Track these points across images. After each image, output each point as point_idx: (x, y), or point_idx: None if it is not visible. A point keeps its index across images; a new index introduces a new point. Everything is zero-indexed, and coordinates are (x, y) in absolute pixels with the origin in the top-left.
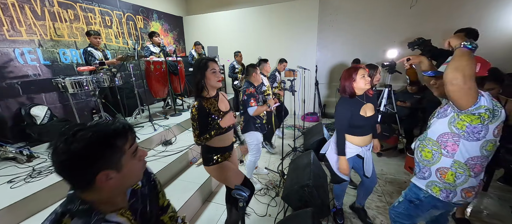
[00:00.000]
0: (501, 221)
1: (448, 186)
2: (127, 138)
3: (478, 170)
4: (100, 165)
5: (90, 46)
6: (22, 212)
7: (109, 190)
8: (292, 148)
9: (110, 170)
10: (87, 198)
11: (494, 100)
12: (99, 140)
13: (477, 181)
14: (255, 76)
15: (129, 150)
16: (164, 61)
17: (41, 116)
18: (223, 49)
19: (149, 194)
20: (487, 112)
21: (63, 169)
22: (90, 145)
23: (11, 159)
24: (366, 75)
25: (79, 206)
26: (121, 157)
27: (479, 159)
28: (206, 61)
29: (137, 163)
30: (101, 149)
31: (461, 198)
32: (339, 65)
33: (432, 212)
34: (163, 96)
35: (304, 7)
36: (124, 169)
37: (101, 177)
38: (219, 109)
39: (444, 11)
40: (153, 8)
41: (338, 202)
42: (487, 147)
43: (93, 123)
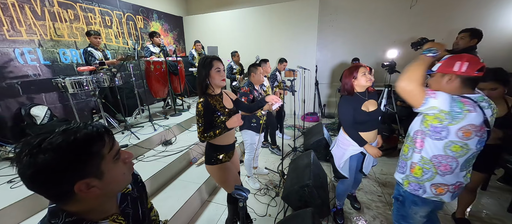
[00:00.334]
0: (501, 221)
1: (415, 180)
2: (104, 142)
3: (445, 169)
4: (76, 175)
5: (90, 46)
6: (22, 212)
7: (94, 199)
8: (292, 148)
9: (89, 178)
10: (72, 210)
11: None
12: (70, 148)
13: (452, 179)
14: (254, 76)
15: (109, 154)
16: (164, 61)
17: (41, 116)
18: (223, 49)
19: (139, 196)
20: (441, 113)
21: (33, 184)
22: (60, 154)
23: (11, 159)
24: (367, 73)
25: (65, 219)
26: (100, 163)
27: (443, 158)
28: (211, 60)
29: (121, 166)
30: (73, 157)
31: (432, 194)
32: (339, 65)
33: (415, 209)
34: (163, 96)
35: (304, 7)
36: (107, 175)
37: (80, 186)
38: (224, 106)
39: (444, 11)
40: (153, 8)
41: (339, 202)
42: (452, 147)
43: (61, 129)
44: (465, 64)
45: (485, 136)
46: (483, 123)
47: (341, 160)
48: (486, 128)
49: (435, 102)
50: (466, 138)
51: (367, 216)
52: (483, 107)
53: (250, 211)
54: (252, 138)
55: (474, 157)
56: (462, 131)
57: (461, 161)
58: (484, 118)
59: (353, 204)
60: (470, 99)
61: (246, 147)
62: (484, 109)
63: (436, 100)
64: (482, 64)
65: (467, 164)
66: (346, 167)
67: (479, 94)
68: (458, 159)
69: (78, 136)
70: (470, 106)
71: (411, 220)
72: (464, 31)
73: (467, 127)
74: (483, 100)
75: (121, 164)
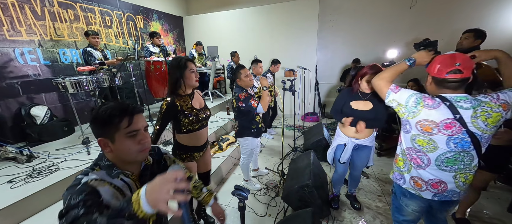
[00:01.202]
0: (501, 221)
1: (398, 169)
2: (122, 119)
3: (416, 162)
4: (101, 132)
5: (90, 46)
6: (22, 212)
7: (112, 155)
8: (292, 148)
9: (106, 139)
10: (111, 158)
11: (426, 99)
12: (104, 112)
13: (427, 175)
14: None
15: (124, 130)
16: (164, 61)
17: (41, 116)
18: (223, 49)
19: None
20: (399, 106)
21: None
22: (98, 116)
23: (11, 159)
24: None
25: (105, 162)
26: (115, 132)
27: (413, 151)
28: (185, 61)
29: (131, 143)
30: (102, 121)
31: (410, 186)
32: (339, 65)
33: (404, 201)
34: (163, 96)
35: (304, 7)
36: (117, 143)
37: (100, 141)
38: (192, 107)
39: (444, 11)
40: (153, 8)
41: (335, 189)
42: (417, 141)
43: (111, 103)
44: (437, 66)
45: (464, 136)
46: (456, 121)
47: (330, 148)
48: (462, 128)
49: (394, 96)
50: (426, 132)
51: (367, 216)
52: (459, 107)
53: (250, 211)
54: (253, 143)
55: (461, 160)
56: (420, 125)
57: (433, 158)
58: (453, 117)
59: (353, 204)
60: (440, 98)
61: (245, 152)
62: (459, 109)
63: (396, 95)
64: (453, 67)
65: (447, 164)
66: (331, 154)
67: (458, 95)
68: (428, 155)
69: (112, 108)
70: (430, 103)
71: (403, 212)
72: (468, 32)
73: (424, 122)
74: (464, 100)
75: (131, 142)
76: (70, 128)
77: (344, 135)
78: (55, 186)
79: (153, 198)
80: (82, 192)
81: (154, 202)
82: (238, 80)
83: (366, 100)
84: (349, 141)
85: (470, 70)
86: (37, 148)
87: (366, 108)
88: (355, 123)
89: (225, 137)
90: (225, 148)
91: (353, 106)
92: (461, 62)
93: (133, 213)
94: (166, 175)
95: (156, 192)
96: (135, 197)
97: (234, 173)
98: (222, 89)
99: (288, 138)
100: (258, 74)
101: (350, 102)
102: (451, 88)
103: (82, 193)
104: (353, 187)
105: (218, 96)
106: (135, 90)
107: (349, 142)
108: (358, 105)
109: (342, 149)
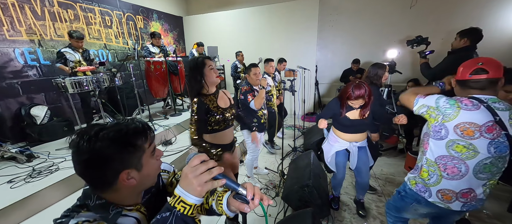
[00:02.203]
0: (500, 221)
1: (422, 181)
2: (147, 137)
3: (452, 172)
4: (122, 164)
5: (69, 46)
6: (22, 212)
7: (129, 189)
8: (292, 148)
9: (131, 169)
10: (105, 197)
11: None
12: (122, 139)
13: (460, 185)
14: (250, 77)
15: (148, 149)
16: (164, 61)
17: (41, 116)
18: (223, 49)
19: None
20: (430, 109)
21: (86, 169)
22: (113, 144)
23: (11, 159)
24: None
25: (96, 201)
26: (142, 156)
27: (448, 159)
28: (202, 60)
29: (155, 162)
30: (123, 148)
31: (437, 200)
32: (339, 65)
33: (415, 206)
34: (163, 96)
35: (304, 7)
36: (144, 168)
37: (123, 176)
38: (218, 106)
39: (444, 11)
40: (153, 8)
41: (335, 192)
42: (455, 147)
43: (113, 123)
44: (461, 69)
45: (503, 140)
46: (496, 124)
47: (328, 155)
48: (502, 131)
49: (422, 101)
50: (467, 137)
51: (368, 216)
52: (495, 108)
53: None
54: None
55: (496, 165)
56: (460, 129)
57: (471, 165)
58: (493, 119)
59: (359, 211)
60: (475, 99)
61: (249, 147)
62: (496, 110)
63: (424, 99)
64: (476, 67)
65: (484, 171)
66: (332, 161)
67: (491, 96)
68: (467, 162)
69: (128, 130)
70: (467, 104)
71: (404, 213)
72: (461, 32)
73: (465, 125)
74: (498, 102)
75: (154, 160)
76: (70, 128)
77: (342, 140)
78: (55, 186)
79: (194, 188)
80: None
81: (197, 192)
82: (247, 75)
83: (359, 108)
84: (350, 145)
85: (499, 70)
86: (37, 148)
87: (359, 117)
88: (355, 130)
89: None
90: None
91: (351, 117)
92: (484, 62)
93: (180, 215)
94: (192, 163)
95: (193, 183)
96: (172, 201)
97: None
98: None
99: (288, 138)
100: (269, 72)
101: (346, 113)
102: (477, 88)
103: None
104: (361, 194)
105: None
106: (135, 90)
107: (352, 147)
108: (354, 115)
109: (342, 155)
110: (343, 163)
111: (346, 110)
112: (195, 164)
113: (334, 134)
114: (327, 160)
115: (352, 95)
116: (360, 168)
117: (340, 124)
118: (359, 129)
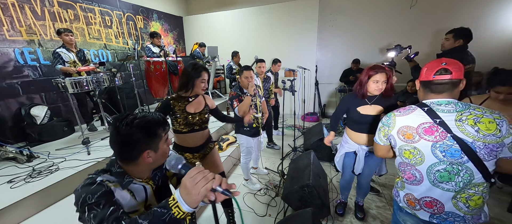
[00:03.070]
0: (501, 221)
1: (396, 185)
2: (164, 127)
3: (408, 177)
4: (145, 146)
5: (63, 46)
6: (22, 212)
7: (146, 165)
8: (292, 148)
9: (151, 150)
10: (125, 168)
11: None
12: (148, 127)
13: (420, 193)
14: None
15: (164, 137)
16: (164, 61)
17: (41, 116)
18: (223, 49)
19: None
20: (381, 131)
21: (119, 145)
22: (144, 130)
23: (11, 159)
24: (380, 82)
25: (117, 169)
26: (159, 142)
27: (404, 165)
28: (201, 70)
29: (166, 147)
30: (149, 133)
31: (405, 204)
32: (339, 65)
33: (402, 216)
34: (163, 96)
35: (304, 7)
36: (159, 151)
37: (145, 154)
38: (185, 109)
39: (444, 11)
40: (153, 8)
41: (342, 196)
42: (403, 153)
43: (142, 114)
44: (424, 70)
45: (451, 143)
46: (437, 126)
47: (338, 155)
48: (447, 133)
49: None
50: (409, 140)
51: (367, 216)
52: (438, 110)
53: (250, 211)
54: (248, 142)
55: (457, 174)
56: (401, 133)
57: (423, 171)
58: (433, 121)
59: (356, 213)
60: (419, 105)
61: (243, 150)
62: (440, 112)
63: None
64: (440, 67)
65: (443, 180)
66: (340, 162)
67: (440, 99)
68: (418, 168)
69: (154, 121)
70: (400, 111)
71: None
72: (450, 32)
73: (404, 129)
74: (446, 104)
75: (166, 145)
76: (70, 128)
77: (353, 142)
78: (55, 186)
79: (191, 198)
80: (97, 191)
81: (193, 202)
82: (239, 78)
83: (373, 104)
84: (359, 148)
85: (461, 71)
86: (37, 148)
87: (375, 113)
88: (362, 129)
89: (225, 137)
90: (225, 148)
91: (361, 112)
92: (448, 62)
93: (174, 218)
94: (191, 174)
95: (191, 193)
96: (172, 203)
97: (234, 173)
98: (222, 89)
99: (288, 138)
100: (260, 73)
101: (356, 107)
102: (436, 92)
103: (97, 192)
104: (361, 196)
105: (218, 96)
106: (135, 90)
107: (360, 150)
108: (366, 110)
109: (351, 157)
110: (350, 165)
111: (361, 104)
112: (193, 175)
113: (346, 134)
114: (336, 159)
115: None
116: (365, 171)
117: (351, 120)
118: (368, 129)
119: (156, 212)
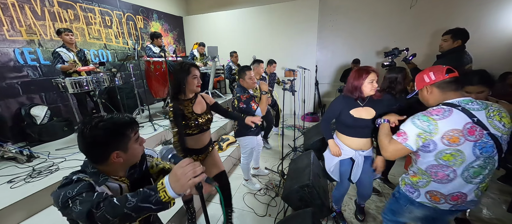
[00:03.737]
0: (500, 221)
1: (411, 183)
2: (133, 128)
3: (442, 177)
4: (113, 147)
5: (63, 46)
6: (22, 212)
7: (117, 165)
8: (292, 148)
9: (120, 151)
10: (99, 168)
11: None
12: (115, 129)
13: (449, 189)
14: (243, 82)
15: (134, 137)
16: (164, 61)
17: (41, 116)
18: (223, 49)
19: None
20: (418, 137)
21: (86, 148)
22: (109, 132)
23: (11, 159)
24: (374, 82)
25: (91, 170)
26: (128, 142)
27: (438, 167)
28: (189, 66)
29: (138, 147)
30: (115, 135)
31: (426, 200)
32: (339, 65)
33: (410, 208)
34: (163, 96)
35: (304, 7)
36: (129, 151)
37: (113, 155)
38: (193, 111)
39: (444, 11)
40: (153, 8)
41: (336, 206)
42: (443, 157)
43: (108, 117)
44: (431, 73)
45: (487, 140)
46: (475, 125)
47: (331, 164)
48: (484, 131)
49: (410, 141)
50: (454, 144)
51: (367, 217)
52: (470, 109)
53: (250, 211)
54: (252, 141)
55: (485, 167)
56: (446, 138)
57: (459, 170)
58: (471, 120)
59: (357, 215)
60: (445, 105)
61: (245, 152)
62: (472, 111)
63: (408, 136)
64: (447, 67)
65: (474, 176)
66: (336, 171)
67: (465, 98)
68: (455, 169)
69: (119, 122)
70: (437, 113)
71: (400, 216)
72: (446, 33)
73: (449, 133)
74: (472, 103)
75: (138, 145)
76: (70, 128)
77: (348, 147)
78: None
79: (179, 185)
80: (77, 185)
81: (179, 189)
82: (241, 80)
83: (365, 106)
84: (357, 154)
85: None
86: (37, 148)
87: (369, 116)
88: (356, 133)
89: (225, 137)
90: (225, 148)
91: (355, 115)
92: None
93: (160, 200)
94: (182, 164)
95: (180, 180)
96: (160, 187)
97: (234, 173)
98: (222, 89)
99: (288, 138)
100: (259, 74)
101: (349, 110)
102: (453, 90)
103: (78, 186)
104: (362, 200)
105: (218, 96)
106: (135, 90)
107: (357, 156)
108: (360, 113)
109: (347, 164)
110: (347, 173)
111: (353, 106)
112: (185, 165)
113: (338, 140)
114: (329, 169)
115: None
116: (363, 180)
117: (343, 124)
118: (362, 133)
119: (145, 192)
